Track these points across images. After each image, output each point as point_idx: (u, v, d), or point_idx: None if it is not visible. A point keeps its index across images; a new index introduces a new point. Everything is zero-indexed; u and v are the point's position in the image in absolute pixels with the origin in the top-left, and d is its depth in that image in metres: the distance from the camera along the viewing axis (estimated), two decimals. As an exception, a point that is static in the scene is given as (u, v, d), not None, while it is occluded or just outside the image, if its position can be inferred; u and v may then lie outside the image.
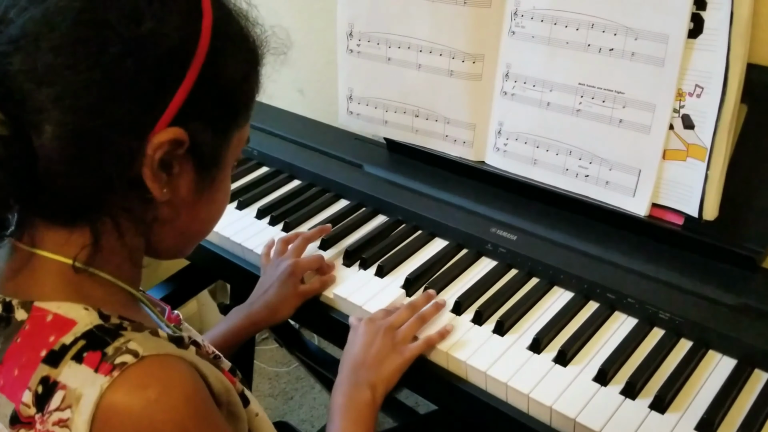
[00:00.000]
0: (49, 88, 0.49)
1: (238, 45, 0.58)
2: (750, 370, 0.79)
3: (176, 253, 0.65)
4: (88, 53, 0.50)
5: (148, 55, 0.51)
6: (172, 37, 0.52)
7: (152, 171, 0.53)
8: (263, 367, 2.02)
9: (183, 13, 0.53)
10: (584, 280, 0.91)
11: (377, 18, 1.13)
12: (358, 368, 0.83)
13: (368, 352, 0.84)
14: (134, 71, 0.51)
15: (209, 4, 0.55)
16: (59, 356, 0.51)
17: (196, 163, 0.57)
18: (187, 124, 0.54)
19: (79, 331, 0.52)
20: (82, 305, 0.54)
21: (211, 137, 0.56)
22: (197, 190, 0.58)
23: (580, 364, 0.82)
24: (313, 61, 1.44)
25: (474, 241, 1.01)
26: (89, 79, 0.49)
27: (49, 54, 0.49)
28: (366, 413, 0.79)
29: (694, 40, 0.86)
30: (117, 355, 0.50)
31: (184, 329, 0.73)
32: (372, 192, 1.13)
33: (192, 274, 1.32)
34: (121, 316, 0.55)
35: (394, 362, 0.83)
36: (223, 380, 0.60)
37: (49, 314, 0.53)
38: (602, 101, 0.95)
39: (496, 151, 1.08)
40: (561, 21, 0.96)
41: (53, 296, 0.54)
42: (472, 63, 1.07)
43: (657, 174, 0.92)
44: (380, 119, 1.19)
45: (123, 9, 0.51)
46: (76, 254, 0.55)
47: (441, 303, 0.91)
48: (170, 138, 0.53)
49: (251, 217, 1.15)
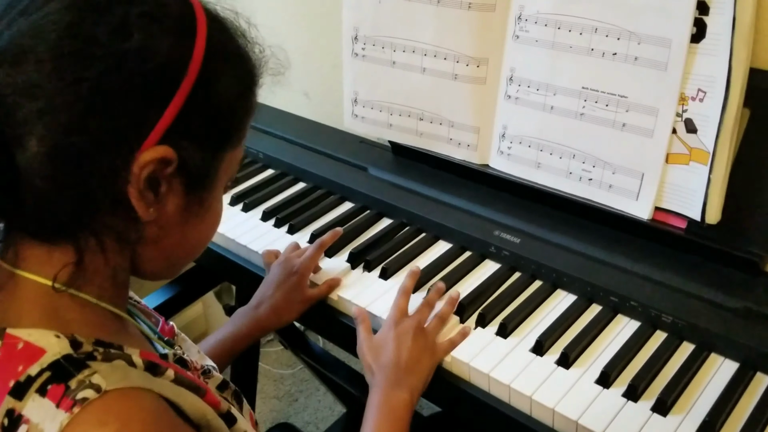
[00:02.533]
0: (34, 102, 0.49)
1: (233, 64, 0.57)
2: (752, 374, 0.80)
3: (162, 275, 0.63)
4: (73, 67, 0.49)
5: (136, 71, 0.50)
6: (161, 54, 0.51)
7: (138, 190, 0.52)
8: (268, 369, 2.03)
9: (175, 30, 0.52)
10: (587, 283, 0.92)
11: (382, 22, 1.14)
12: (395, 370, 0.82)
13: (401, 354, 0.83)
14: (120, 87, 0.50)
15: (204, 22, 0.54)
16: (24, 388, 0.50)
17: (185, 183, 0.55)
18: (176, 142, 0.53)
19: (46, 361, 0.50)
20: (53, 332, 0.52)
21: (201, 157, 0.55)
22: (186, 210, 0.57)
23: (582, 366, 0.82)
24: (318, 64, 1.45)
25: (477, 243, 1.02)
26: (74, 93, 0.49)
27: (34, 67, 0.49)
28: (403, 414, 0.79)
29: (696, 45, 0.86)
30: (79, 390, 0.49)
31: (179, 341, 0.72)
32: (376, 195, 1.14)
33: (197, 276, 1.33)
34: (98, 339, 0.54)
35: (429, 363, 0.84)
36: (200, 406, 0.58)
37: (20, 342, 0.52)
38: (605, 105, 0.95)
39: (500, 155, 1.09)
40: (564, 25, 0.96)
41: (27, 322, 0.53)
42: (476, 67, 1.07)
43: (660, 178, 0.92)
44: (385, 122, 1.20)
45: (111, 23, 0.50)
46: (56, 273, 0.54)
47: (455, 296, 0.92)
48: (157, 156, 0.52)
49: (257, 219, 1.16)
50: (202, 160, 0.55)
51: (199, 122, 0.54)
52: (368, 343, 0.87)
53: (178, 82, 0.52)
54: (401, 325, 0.87)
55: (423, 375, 0.83)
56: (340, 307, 0.97)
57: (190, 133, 0.54)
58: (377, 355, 0.85)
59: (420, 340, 0.85)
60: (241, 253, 1.11)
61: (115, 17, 0.50)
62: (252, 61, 0.59)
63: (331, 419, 1.84)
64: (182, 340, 0.73)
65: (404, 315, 0.89)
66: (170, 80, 0.52)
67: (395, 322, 0.87)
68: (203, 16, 0.55)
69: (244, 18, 0.59)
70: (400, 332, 0.85)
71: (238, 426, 0.62)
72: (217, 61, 0.54)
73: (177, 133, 0.52)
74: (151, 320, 0.68)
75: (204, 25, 0.54)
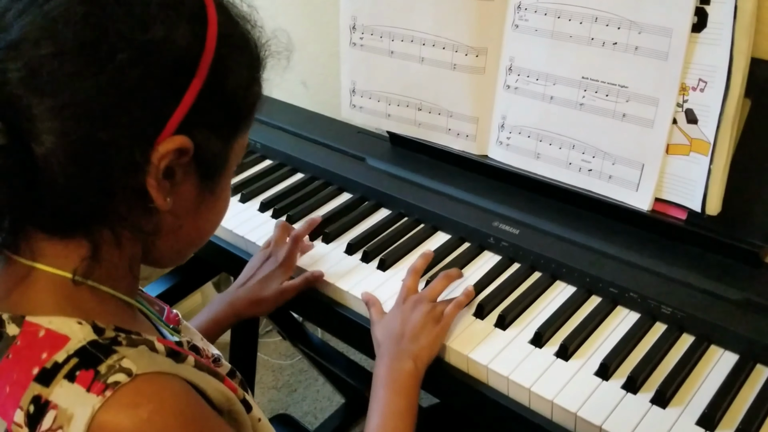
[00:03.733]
0: (52, 96, 0.48)
1: (241, 50, 0.57)
2: (752, 365, 0.79)
3: (172, 262, 0.64)
4: (94, 60, 0.48)
5: (156, 62, 0.50)
6: (179, 44, 0.51)
7: (156, 180, 0.52)
8: (267, 360, 2.03)
9: (189, 19, 0.52)
10: (587, 275, 0.91)
11: (380, 11, 1.13)
12: (398, 340, 0.82)
13: (406, 325, 0.84)
14: (141, 79, 0.50)
15: (214, 10, 0.54)
16: (51, 375, 0.50)
17: (198, 171, 0.56)
18: (191, 131, 0.53)
19: (72, 348, 0.51)
20: (75, 319, 0.53)
21: (214, 144, 0.56)
22: (199, 197, 0.58)
23: (581, 358, 0.82)
24: (316, 54, 1.44)
25: (476, 234, 1.01)
26: (95, 86, 0.48)
27: (51, 60, 0.48)
28: (409, 383, 0.79)
29: (698, 35, 0.85)
30: (110, 374, 0.49)
31: (183, 329, 0.72)
32: (374, 185, 1.13)
33: (195, 267, 1.33)
34: (117, 327, 0.54)
35: (433, 331, 0.84)
36: (224, 391, 0.59)
37: (41, 329, 0.52)
38: (605, 95, 0.94)
39: (499, 145, 1.08)
40: (564, 14, 0.95)
41: (46, 310, 0.53)
42: (476, 56, 1.06)
43: (660, 168, 0.92)
44: (383, 112, 1.19)
45: (131, 15, 0.50)
46: (75, 267, 0.54)
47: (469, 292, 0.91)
48: (176, 146, 0.52)
49: (254, 209, 1.15)
50: (215, 147, 0.56)
51: (213, 110, 0.54)
52: (379, 323, 0.87)
53: (194, 71, 0.52)
54: (408, 301, 0.87)
55: (428, 342, 0.82)
56: (338, 298, 0.97)
57: (205, 122, 0.54)
58: (384, 330, 0.85)
59: (424, 308, 0.85)
60: (239, 244, 1.10)
61: (136, 8, 0.50)
62: (258, 45, 0.59)
63: (329, 410, 1.85)
64: (186, 328, 0.73)
65: (413, 293, 0.89)
66: (186, 70, 0.52)
67: (403, 298, 0.88)
68: (212, 3, 0.55)
69: (246, 2, 0.59)
70: (406, 307, 0.86)
71: (254, 413, 0.63)
72: (227, 47, 0.55)
73: (192, 122, 0.53)
74: (155, 308, 0.68)
75: (214, 12, 0.54)
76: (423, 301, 0.87)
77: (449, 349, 0.85)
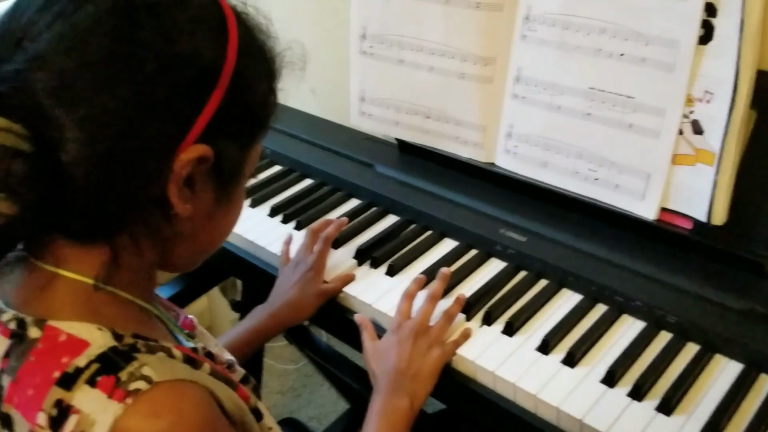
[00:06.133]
0: (78, 105, 0.49)
1: (259, 61, 0.58)
2: (756, 375, 0.80)
3: (187, 267, 0.65)
4: (122, 71, 0.49)
5: (182, 74, 0.51)
6: (204, 56, 0.53)
7: (178, 187, 0.53)
8: (272, 364, 2.04)
9: (213, 31, 0.54)
10: (593, 283, 0.92)
11: (390, 20, 1.14)
12: (396, 376, 0.82)
13: (402, 360, 0.83)
14: (167, 90, 0.51)
15: (234, 22, 0.56)
16: (73, 379, 0.51)
17: (216, 178, 0.57)
18: (212, 140, 0.54)
19: (93, 353, 0.51)
20: (95, 325, 0.53)
21: (233, 152, 0.57)
22: (216, 203, 0.59)
23: (588, 365, 0.83)
24: (325, 61, 1.45)
25: (483, 241, 1.02)
26: (122, 97, 0.49)
27: (79, 71, 0.49)
28: (403, 421, 0.80)
29: (704, 47, 0.86)
30: (131, 381, 0.50)
31: (198, 335, 0.73)
32: (383, 192, 1.15)
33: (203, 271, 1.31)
34: (135, 334, 0.55)
35: (432, 366, 0.83)
36: (237, 401, 0.59)
37: (62, 334, 0.53)
38: (612, 105, 0.96)
39: (507, 153, 1.09)
40: (572, 26, 0.97)
41: (66, 315, 0.54)
42: (484, 66, 1.07)
43: (666, 178, 0.93)
44: (392, 120, 1.20)
45: (159, 28, 0.51)
46: (96, 273, 0.55)
47: (462, 297, 0.91)
48: (198, 155, 0.53)
49: (264, 215, 1.16)
50: (234, 155, 0.57)
51: (233, 119, 0.56)
52: (372, 349, 0.88)
53: (216, 82, 0.53)
54: (403, 329, 0.87)
55: (426, 380, 0.83)
56: (346, 303, 0.98)
57: (224, 131, 0.55)
58: (379, 361, 0.85)
59: (422, 343, 0.85)
60: (248, 249, 1.11)
61: (164, 21, 0.51)
62: (274, 56, 0.60)
63: (334, 415, 1.85)
64: (201, 333, 0.74)
65: (406, 319, 0.89)
66: (210, 80, 0.53)
67: (398, 326, 0.88)
68: (232, 15, 0.56)
69: (262, 14, 0.60)
70: (402, 337, 0.86)
71: (264, 422, 0.64)
72: (246, 58, 0.56)
73: (212, 131, 0.54)
74: (171, 314, 0.69)
75: (234, 23, 0.55)
76: (419, 331, 0.86)
77: (457, 355, 0.86)
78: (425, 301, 0.90)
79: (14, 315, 0.55)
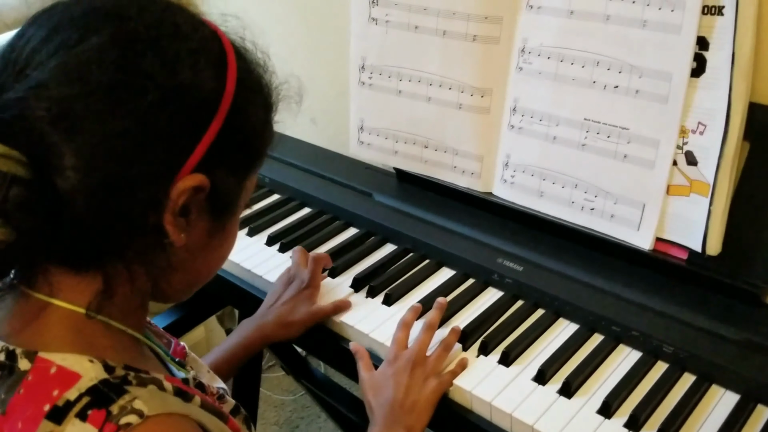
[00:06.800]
0: (78, 134, 0.49)
1: (257, 94, 0.59)
2: (753, 406, 0.80)
3: (180, 297, 0.65)
4: (122, 101, 0.50)
5: (182, 105, 0.52)
6: (204, 88, 0.54)
7: (173, 216, 0.54)
8: (269, 395, 2.02)
9: (213, 63, 0.55)
10: (589, 312, 0.92)
11: (389, 52, 1.16)
12: (393, 409, 0.82)
13: (399, 393, 0.82)
14: (167, 120, 0.51)
15: (233, 54, 0.57)
16: (63, 412, 0.50)
17: (211, 208, 0.57)
18: (208, 170, 0.54)
19: (84, 386, 0.51)
20: (87, 357, 0.53)
21: (229, 182, 0.57)
22: (210, 233, 0.59)
23: (584, 396, 0.83)
24: (325, 91, 1.47)
25: (481, 271, 1.03)
26: (122, 127, 0.50)
27: (79, 100, 0.49)
28: None
29: (697, 79, 0.88)
30: (122, 415, 0.50)
31: (190, 362, 0.73)
32: (381, 221, 1.15)
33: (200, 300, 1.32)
34: (126, 365, 0.54)
35: (429, 398, 0.83)
36: None
37: (53, 366, 0.52)
38: (607, 136, 0.97)
39: (504, 183, 1.10)
40: (567, 58, 0.98)
41: (58, 347, 0.53)
42: (481, 97, 1.09)
43: (661, 209, 0.93)
44: (390, 149, 1.21)
45: (162, 59, 0.52)
46: (88, 302, 0.55)
47: (457, 329, 0.91)
48: (194, 185, 0.54)
49: (261, 243, 1.17)
50: (230, 185, 0.58)
51: (229, 150, 0.56)
52: (369, 380, 0.87)
53: (215, 112, 0.54)
54: (400, 360, 0.86)
55: (422, 412, 0.82)
56: (343, 333, 0.98)
57: (221, 161, 0.56)
58: (376, 393, 0.85)
59: (419, 373, 0.84)
60: (245, 278, 1.11)
61: (167, 53, 0.52)
62: (271, 89, 0.61)
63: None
64: (193, 360, 0.74)
65: (403, 349, 0.88)
66: (209, 111, 0.54)
67: (395, 357, 0.87)
68: (231, 49, 0.57)
69: (260, 48, 0.61)
70: (398, 368, 0.85)
71: None
72: (244, 90, 0.57)
73: (209, 161, 0.54)
74: (163, 341, 0.69)
75: (233, 57, 0.57)
76: (416, 361, 0.85)
77: (453, 385, 0.85)
78: (422, 331, 0.89)
79: (3, 346, 0.54)
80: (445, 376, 0.86)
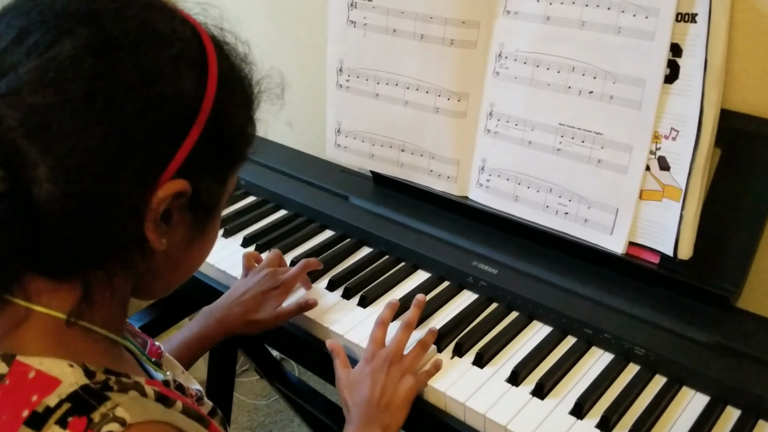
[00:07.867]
0: (54, 144, 0.47)
1: (238, 92, 0.58)
2: (722, 407, 0.81)
3: (161, 295, 0.64)
4: (100, 111, 0.48)
5: (162, 113, 0.51)
6: (184, 95, 0.52)
7: (154, 223, 0.53)
8: (242, 400, 2.00)
9: (194, 68, 0.53)
10: (562, 315, 0.93)
11: (366, 55, 1.16)
12: (369, 407, 0.81)
13: (375, 391, 0.82)
14: (147, 129, 0.50)
15: (214, 54, 0.55)
16: (43, 419, 0.48)
17: (193, 211, 0.56)
18: (189, 175, 0.53)
19: (64, 392, 0.50)
20: (66, 361, 0.52)
21: (210, 185, 0.56)
22: (190, 235, 0.58)
23: (557, 397, 0.83)
24: (302, 95, 1.47)
25: (456, 273, 1.03)
26: (100, 136, 0.48)
27: (55, 109, 0.47)
28: None
29: (670, 85, 0.89)
30: (103, 423, 0.48)
31: (165, 362, 0.72)
32: (357, 223, 1.15)
33: (174, 302, 1.32)
34: (107, 369, 0.53)
35: (404, 396, 0.83)
36: None
37: (31, 370, 0.51)
38: (581, 141, 0.98)
39: (479, 187, 1.11)
40: (543, 63, 0.99)
41: (36, 350, 0.52)
42: (457, 101, 1.10)
43: (634, 213, 0.95)
44: (367, 153, 1.21)
45: (140, 67, 0.50)
46: (69, 308, 0.53)
47: (434, 330, 0.91)
48: (175, 191, 0.52)
49: (237, 244, 1.16)
50: (211, 188, 0.57)
51: (210, 153, 0.55)
52: (345, 379, 0.86)
53: (195, 118, 0.53)
54: (377, 358, 0.86)
55: (398, 411, 0.82)
56: (319, 335, 0.98)
57: (202, 164, 0.54)
58: (352, 391, 0.84)
59: (395, 371, 0.84)
60: (220, 279, 1.11)
61: (145, 61, 0.50)
62: (252, 84, 0.60)
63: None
64: (168, 360, 0.73)
65: (380, 347, 0.88)
66: (189, 117, 0.53)
67: (372, 355, 0.87)
68: (212, 48, 0.55)
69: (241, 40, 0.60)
70: (375, 367, 0.85)
71: None
72: (225, 91, 0.55)
73: (190, 166, 0.53)
74: (138, 341, 0.68)
75: (214, 57, 0.55)
76: (393, 359, 0.85)
77: (427, 386, 0.86)
78: (400, 329, 0.89)
79: None
80: (421, 375, 0.86)
